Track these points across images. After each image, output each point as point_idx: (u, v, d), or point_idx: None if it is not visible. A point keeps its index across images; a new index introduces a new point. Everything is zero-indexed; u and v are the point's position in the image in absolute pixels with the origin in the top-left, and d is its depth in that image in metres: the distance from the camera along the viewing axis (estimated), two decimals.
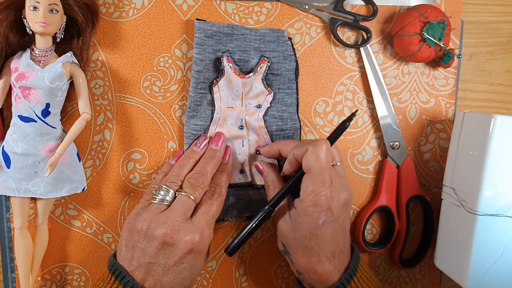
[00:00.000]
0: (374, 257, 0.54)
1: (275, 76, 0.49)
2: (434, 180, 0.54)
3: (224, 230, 0.52)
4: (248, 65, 0.49)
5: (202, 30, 0.47)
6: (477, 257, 0.45)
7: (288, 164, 0.45)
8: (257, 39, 0.49)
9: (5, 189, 0.46)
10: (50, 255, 0.51)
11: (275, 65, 0.49)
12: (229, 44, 0.48)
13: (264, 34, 0.49)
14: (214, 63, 0.48)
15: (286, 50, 0.49)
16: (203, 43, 0.48)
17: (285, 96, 0.50)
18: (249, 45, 0.49)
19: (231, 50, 0.48)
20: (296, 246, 0.43)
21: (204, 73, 0.48)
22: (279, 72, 0.49)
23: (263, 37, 0.49)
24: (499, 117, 0.43)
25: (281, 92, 0.50)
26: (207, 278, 0.53)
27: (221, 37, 0.48)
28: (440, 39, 0.48)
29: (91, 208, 0.51)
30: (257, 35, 0.49)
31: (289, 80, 0.50)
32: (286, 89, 0.50)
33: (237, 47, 0.49)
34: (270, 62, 0.49)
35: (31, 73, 0.44)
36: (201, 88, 0.48)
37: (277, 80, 0.49)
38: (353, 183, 0.53)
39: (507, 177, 0.44)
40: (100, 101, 0.50)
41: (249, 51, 0.49)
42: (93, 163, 0.50)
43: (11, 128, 0.45)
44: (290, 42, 0.50)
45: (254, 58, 0.49)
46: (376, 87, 0.51)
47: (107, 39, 0.49)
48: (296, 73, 0.50)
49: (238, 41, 0.48)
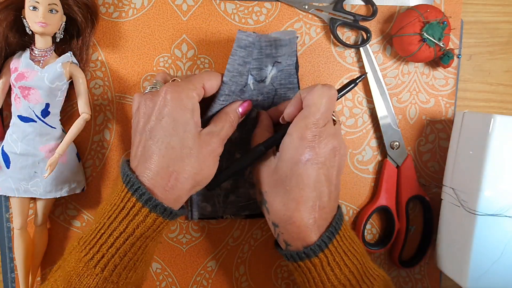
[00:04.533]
0: (374, 257, 0.54)
1: (277, 73, 0.49)
2: (434, 180, 0.54)
3: (224, 230, 0.52)
4: (262, 73, 0.47)
5: (238, 40, 0.45)
6: (476, 257, 0.45)
7: (293, 106, 0.42)
8: (269, 45, 0.46)
9: (4, 189, 0.46)
10: (50, 255, 0.51)
11: (282, 65, 0.48)
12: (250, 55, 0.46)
13: (277, 39, 0.46)
14: (241, 76, 0.45)
15: (292, 48, 0.48)
16: (235, 54, 0.45)
17: (288, 91, 0.49)
18: (260, 52, 0.46)
19: (249, 60, 0.46)
20: (275, 189, 0.41)
21: (230, 86, 0.45)
22: (280, 68, 0.49)
23: (274, 42, 0.46)
24: (498, 117, 0.43)
25: (283, 87, 0.49)
26: (206, 278, 0.53)
27: (254, 48, 0.45)
28: (440, 39, 0.48)
29: (91, 208, 0.51)
30: (268, 40, 0.46)
31: (290, 75, 0.49)
32: (287, 84, 0.49)
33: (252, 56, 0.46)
34: (281, 64, 0.47)
35: (30, 73, 0.44)
36: (223, 100, 0.45)
37: (279, 76, 0.48)
38: (352, 183, 0.53)
39: (507, 177, 0.44)
40: (100, 101, 0.50)
41: (261, 58, 0.46)
42: (93, 163, 0.50)
43: (10, 128, 0.45)
44: (296, 40, 0.48)
45: (267, 65, 0.47)
46: (376, 87, 0.51)
47: (107, 39, 0.49)
48: (296, 67, 0.49)
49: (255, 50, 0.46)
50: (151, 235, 0.38)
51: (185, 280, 0.53)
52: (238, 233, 0.52)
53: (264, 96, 0.48)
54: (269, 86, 0.48)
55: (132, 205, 0.37)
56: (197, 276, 0.53)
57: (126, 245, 0.37)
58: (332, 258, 0.39)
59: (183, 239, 0.52)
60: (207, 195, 0.50)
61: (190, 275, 0.53)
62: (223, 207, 0.50)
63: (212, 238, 0.52)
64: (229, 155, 0.49)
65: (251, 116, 0.48)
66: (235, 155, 0.49)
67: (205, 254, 0.52)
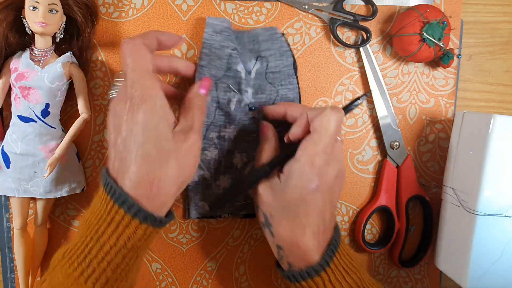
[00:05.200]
0: (374, 257, 0.54)
1: (274, 74, 0.49)
2: (434, 180, 0.54)
3: (223, 230, 0.52)
4: (246, 66, 0.48)
5: (211, 25, 0.47)
6: (476, 257, 0.45)
7: (298, 127, 0.42)
8: (251, 41, 0.49)
9: (4, 189, 0.46)
10: (50, 255, 0.50)
11: (272, 63, 0.49)
12: (235, 43, 0.48)
13: (257, 34, 0.49)
14: (220, 59, 0.47)
15: (281, 46, 0.49)
16: (210, 38, 0.47)
17: (288, 92, 0.49)
18: (243, 47, 0.48)
19: (237, 49, 0.48)
20: (281, 214, 0.41)
21: (210, 69, 0.47)
22: (277, 69, 0.49)
23: (256, 37, 0.49)
24: (498, 117, 0.43)
25: (283, 88, 0.49)
26: (206, 278, 0.53)
27: (230, 33, 0.48)
28: (440, 39, 0.48)
29: None
30: (250, 36, 0.49)
31: (289, 76, 0.49)
32: (287, 84, 0.49)
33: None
34: (267, 61, 0.48)
35: (30, 73, 0.44)
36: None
37: (277, 78, 0.49)
38: (352, 183, 0.53)
39: (507, 177, 0.44)
40: (100, 101, 0.50)
41: (245, 53, 0.48)
42: (93, 163, 0.50)
43: (10, 128, 0.45)
44: (284, 38, 0.50)
45: (251, 59, 0.49)
46: (376, 87, 0.51)
47: (107, 39, 0.49)
48: (295, 67, 0.50)
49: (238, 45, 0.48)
50: (142, 245, 0.38)
51: (185, 280, 0.53)
52: (238, 233, 0.52)
53: (266, 97, 0.49)
54: (259, 81, 0.48)
55: (121, 218, 0.36)
56: (197, 276, 0.53)
57: (117, 258, 0.36)
58: (334, 276, 0.40)
59: (183, 239, 0.52)
60: (205, 193, 0.50)
61: (190, 275, 0.53)
62: (222, 206, 0.50)
63: (212, 238, 0.52)
64: (228, 154, 0.49)
65: (246, 111, 0.48)
66: (234, 153, 0.49)
67: (205, 254, 0.52)
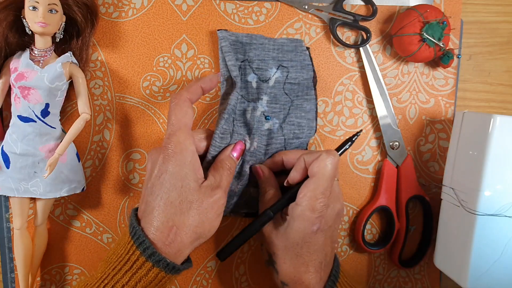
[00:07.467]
0: (373, 257, 0.54)
1: (293, 85, 0.49)
2: (434, 180, 0.54)
3: (224, 230, 0.52)
4: (266, 74, 0.48)
5: (226, 39, 0.48)
6: (476, 257, 0.45)
7: (296, 172, 0.44)
8: (275, 49, 0.49)
9: (4, 189, 0.46)
10: (50, 255, 0.51)
11: (293, 75, 0.49)
12: (248, 54, 0.48)
13: (282, 43, 0.49)
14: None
15: (304, 59, 0.50)
16: (228, 52, 0.47)
17: (304, 102, 0.50)
18: (267, 55, 0.49)
19: (250, 59, 0.48)
20: (285, 254, 0.43)
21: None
22: (297, 81, 0.49)
23: (281, 46, 0.49)
24: (498, 117, 0.43)
25: (299, 98, 0.49)
26: (206, 278, 0.53)
27: (239, 46, 0.48)
28: (440, 39, 0.48)
29: (90, 208, 0.51)
30: (275, 44, 0.49)
31: (307, 88, 0.50)
32: (304, 95, 0.50)
33: (256, 56, 0.48)
34: (288, 71, 0.49)
35: (30, 73, 0.44)
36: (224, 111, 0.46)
37: (294, 89, 0.49)
38: (352, 183, 0.53)
39: (507, 177, 0.44)
40: (100, 101, 0.50)
41: (267, 60, 0.49)
42: (93, 163, 0.50)
43: (10, 128, 0.45)
44: (308, 52, 0.50)
45: (272, 67, 0.49)
46: (376, 87, 0.51)
47: (107, 39, 0.49)
48: (314, 81, 0.50)
49: (257, 51, 0.48)
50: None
51: (185, 280, 0.53)
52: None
53: (280, 107, 0.49)
54: (275, 90, 0.49)
55: (136, 259, 0.38)
56: (197, 276, 0.53)
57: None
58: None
59: None
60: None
61: (190, 275, 0.53)
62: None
63: (212, 238, 0.52)
64: (242, 164, 0.49)
65: (263, 120, 0.49)
66: (247, 164, 0.49)
67: (205, 254, 0.52)
